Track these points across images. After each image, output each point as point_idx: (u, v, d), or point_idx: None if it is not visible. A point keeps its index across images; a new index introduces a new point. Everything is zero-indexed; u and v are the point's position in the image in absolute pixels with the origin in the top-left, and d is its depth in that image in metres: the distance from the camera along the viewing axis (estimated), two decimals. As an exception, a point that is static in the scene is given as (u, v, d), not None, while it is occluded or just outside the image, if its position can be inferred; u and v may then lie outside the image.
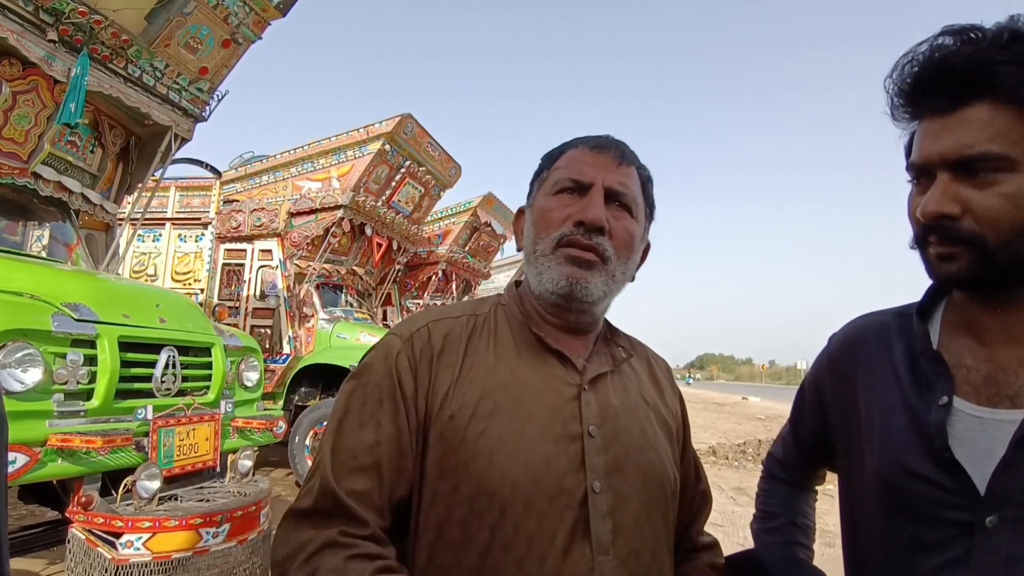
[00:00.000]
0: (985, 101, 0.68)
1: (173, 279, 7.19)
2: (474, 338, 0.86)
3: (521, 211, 0.97)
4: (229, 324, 5.83)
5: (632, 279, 0.92)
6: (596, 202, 0.83)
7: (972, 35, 0.69)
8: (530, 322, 0.88)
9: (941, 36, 0.71)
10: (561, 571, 0.73)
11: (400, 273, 9.60)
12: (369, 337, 6.79)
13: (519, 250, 0.94)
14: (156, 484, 2.60)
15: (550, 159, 0.92)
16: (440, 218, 10.71)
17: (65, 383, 2.54)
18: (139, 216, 5.16)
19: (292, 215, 7.19)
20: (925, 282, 0.85)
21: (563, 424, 0.79)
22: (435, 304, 10.88)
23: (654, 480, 0.83)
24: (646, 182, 0.91)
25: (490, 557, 0.73)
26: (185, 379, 3.15)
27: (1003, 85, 0.67)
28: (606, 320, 0.96)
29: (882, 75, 0.76)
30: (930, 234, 0.72)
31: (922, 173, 0.74)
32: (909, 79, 0.73)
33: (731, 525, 5.61)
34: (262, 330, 6.95)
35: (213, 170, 7.19)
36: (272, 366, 6.60)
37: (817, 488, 1.10)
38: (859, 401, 0.84)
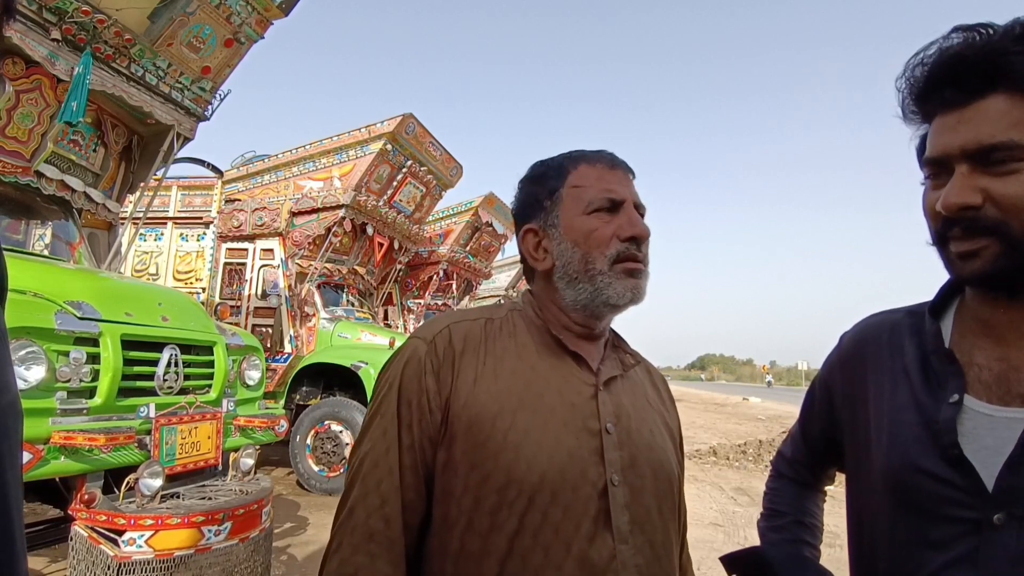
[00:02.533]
0: (1001, 92, 0.68)
1: (175, 278, 7.20)
2: (493, 339, 0.91)
3: (531, 230, 0.98)
4: (231, 323, 5.83)
5: None
6: (637, 218, 0.92)
7: (984, 31, 0.69)
8: (550, 326, 0.93)
9: (953, 33, 0.71)
10: (587, 557, 0.79)
11: (401, 273, 9.60)
12: (371, 337, 6.79)
13: (544, 270, 0.96)
14: (158, 482, 2.61)
15: (559, 176, 0.94)
16: (441, 218, 10.71)
17: (68, 381, 2.55)
18: (141, 215, 5.17)
19: (294, 214, 7.20)
20: (929, 282, 0.85)
21: (583, 420, 0.85)
22: (436, 304, 10.90)
23: (663, 477, 0.89)
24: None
25: (518, 543, 0.78)
26: (187, 377, 3.15)
27: (1018, 74, 0.67)
28: (612, 328, 1.01)
29: (884, 75, 0.77)
30: (952, 228, 0.71)
31: (939, 167, 0.73)
32: (922, 76, 0.73)
33: (731, 525, 5.61)
34: (264, 329, 6.96)
35: (215, 169, 7.20)
36: (274, 365, 6.61)
37: (826, 490, 1.09)
38: (868, 399, 0.84)
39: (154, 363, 2.96)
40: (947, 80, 0.71)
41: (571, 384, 0.88)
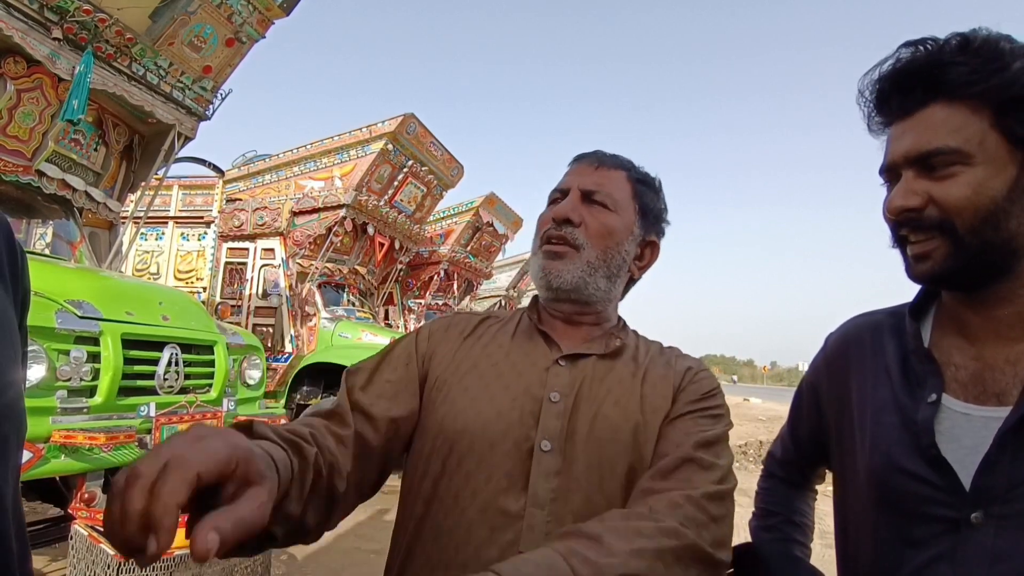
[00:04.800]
0: (940, 101, 0.72)
1: (176, 277, 7.21)
2: (484, 327, 0.99)
3: None
4: (232, 322, 5.84)
5: (628, 272, 0.98)
6: (567, 200, 0.94)
7: (926, 45, 0.74)
8: (531, 313, 0.99)
9: (900, 49, 0.76)
10: (489, 508, 0.81)
11: (402, 273, 9.61)
12: (371, 336, 6.80)
13: None
14: (158, 481, 2.61)
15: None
16: (442, 218, 10.72)
17: (68, 380, 2.56)
18: (142, 214, 5.17)
19: (295, 214, 7.21)
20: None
21: (526, 386, 0.88)
22: (436, 304, 10.91)
23: (620, 456, 0.83)
24: (637, 183, 0.98)
25: (440, 484, 0.85)
26: (188, 377, 3.16)
27: (954, 83, 0.71)
28: (624, 322, 1.01)
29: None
30: (901, 228, 0.76)
31: (891, 175, 0.77)
32: (874, 92, 0.78)
33: (732, 526, 5.60)
34: (264, 329, 6.97)
35: (216, 169, 7.20)
36: (274, 365, 6.62)
37: (817, 488, 1.10)
38: (852, 399, 0.85)
39: (154, 362, 2.96)
40: (893, 93, 0.76)
41: (531, 357, 0.92)
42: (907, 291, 0.87)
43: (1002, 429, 0.68)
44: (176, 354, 3.06)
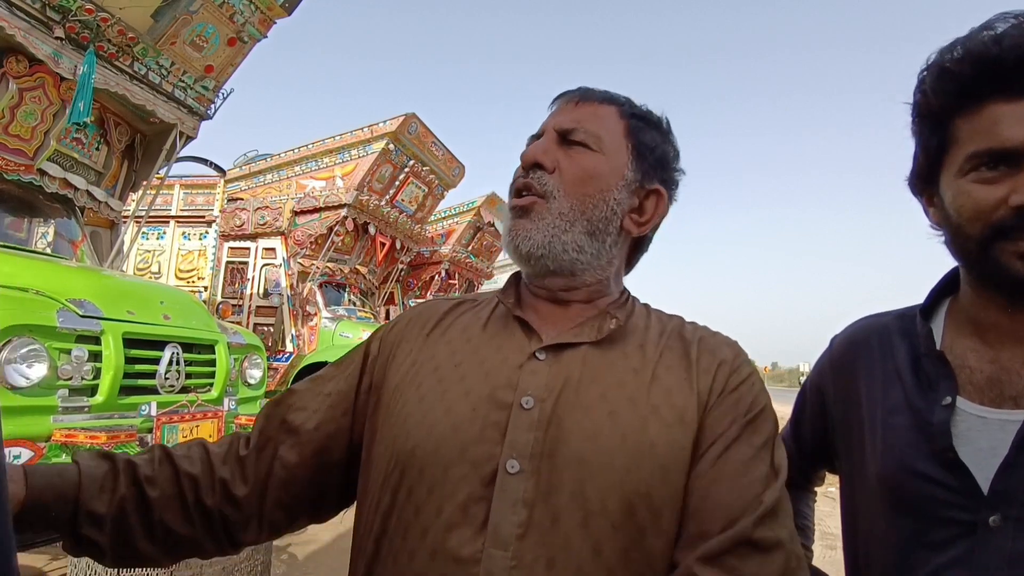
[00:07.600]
0: None
1: (177, 277, 7.21)
2: (453, 315, 0.81)
3: None
4: (233, 322, 5.84)
5: (623, 229, 0.78)
6: (539, 142, 0.77)
7: None
8: (505, 296, 0.79)
9: (1005, 23, 0.68)
10: (439, 551, 0.63)
11: (403, 272, 9.62)
12: (372, 336, 6.81)
13: None
14: (159, 480, 2.61)
15: None
16: (443, 217, 10.72)
17: (70, 379, 2.56)
18: (144, 213, 5.18)
19: (296, 214, 7.22)
20: (930, 285, 0.84)
21: (492, 390, 0.69)
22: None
23: (612, 476, 0.64)
24: (633, 118, 0.79)
25: (389, 522, 0.68)
26: (189, 376, 3.16)
27: None
28: (629, 294, 0.82)
29: (883, 78, 0.74)
30: None
31: (1003, 159, 0.68)
32: (989, 57, 0.69)
33: (733, 527, 5.59)
34: (265, 328, 6.97)
35: (218, 168, 7.20)
36: (275, 364, 6.62)
37: (817, 490, 1.10)
38: (861, 402, 0.84)
39: (156, 361, 2.96)
40: (1019, 67, 0.67)
41: (502, 352, 0.72)
42: (908, 292, 0.86)
43: (1021, 432, 0.67)
44: (177, 353, 3.07)
